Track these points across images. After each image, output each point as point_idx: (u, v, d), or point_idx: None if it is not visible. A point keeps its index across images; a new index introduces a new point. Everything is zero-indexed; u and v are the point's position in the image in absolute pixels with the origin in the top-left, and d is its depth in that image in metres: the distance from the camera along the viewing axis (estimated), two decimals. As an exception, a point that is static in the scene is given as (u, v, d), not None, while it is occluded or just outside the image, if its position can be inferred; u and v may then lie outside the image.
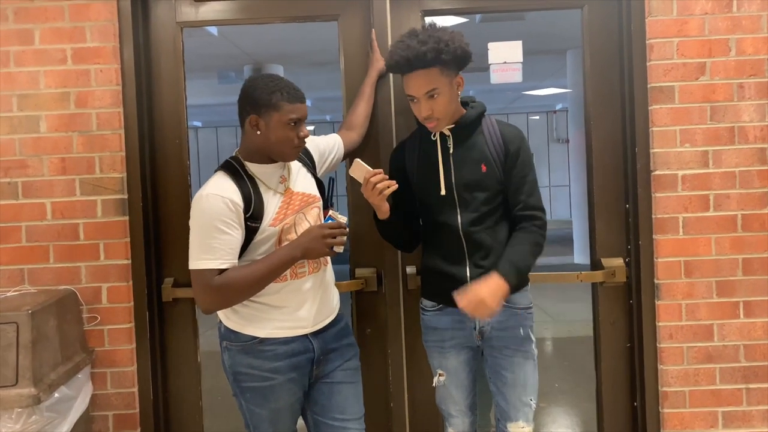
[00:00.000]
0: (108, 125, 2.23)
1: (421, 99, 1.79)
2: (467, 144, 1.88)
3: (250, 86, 1.75)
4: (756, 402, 2.21)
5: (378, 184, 1.78)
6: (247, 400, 1.82)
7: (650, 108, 2.19)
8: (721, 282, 2.20)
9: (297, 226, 1.80)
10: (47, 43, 2.22)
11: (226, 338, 1.83)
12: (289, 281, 1.78)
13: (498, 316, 1.82)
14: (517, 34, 2.37)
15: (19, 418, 1.85)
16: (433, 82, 1.77)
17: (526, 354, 1.92)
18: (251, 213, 1.71)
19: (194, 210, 1.71)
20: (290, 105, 1.71)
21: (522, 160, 1.86)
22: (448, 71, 1.79)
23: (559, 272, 2.58)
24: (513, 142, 1.86)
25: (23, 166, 2.23)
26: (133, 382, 2.27)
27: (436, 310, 1.96)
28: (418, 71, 1.77)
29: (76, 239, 2.24)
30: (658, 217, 2.20)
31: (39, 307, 1.98)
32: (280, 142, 1.73)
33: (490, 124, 1.90)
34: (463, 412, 1.99)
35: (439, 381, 1.99)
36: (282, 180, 1.81)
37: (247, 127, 1.76)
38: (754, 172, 2.19)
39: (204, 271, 1.68)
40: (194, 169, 2.44)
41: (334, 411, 1.86)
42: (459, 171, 1.86)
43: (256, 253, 1.75)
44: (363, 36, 2.31)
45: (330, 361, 1.87)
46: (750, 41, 2.18)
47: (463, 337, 1.93)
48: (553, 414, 3.47)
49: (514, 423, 1.92)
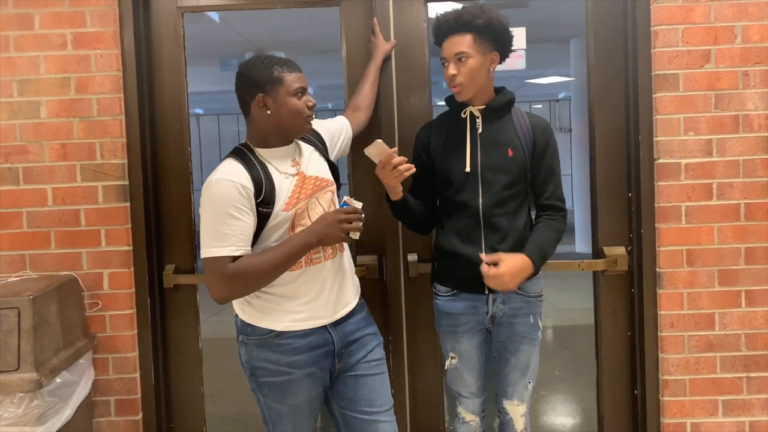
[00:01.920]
0: (109, 111, 2.22)
1: (451, 61, 1.86)
2: (495, 126, 1.91)
3: (246, 69, 1.72)
4: (756, 390, 2.22)
5: (399, 166, 1.78)
6: (265, 395, 1.78)
7: (654, 96, 2.18)
8: (723, 271, 2.20)
9: (310, 211, 1.74)
10: (47, 28, 2.20)
11: (242, 332, 1.78)
12: (304, 268, 1.73)
13: (510, 302, 1.91)
14: (521, 21, 2.34)
15: (21, 403, 1.86)
16: (463, 46, 1.84)
17: (533, 341, 1.96)
18: (263, 198, 1.66)
19: (204, 196, 1.66)
20: (292, 75, 1.70)
21: (551, 151, 1.91)
22: (482, 41, 1.85)
23: (560, 260, 2.57)
24: (543, 133, 1.91)
25: (24, 152, 2.22)
26: (135, 368, 2.28)
27: (450, 295, 1.97)
28: (454, 36, 1.85)
29: (77, 225, 2.24)
30: (661, 206, 2.19)
31: (40, 292, 1.98)
32: (292, 115, 1.70)
33: (520, 113, 1.95)
34: (474, 394, 2.03)
35: (451, 364, 2.02)
36: (294, 163, 1.77)
37: (253, 110, 1.72)
38: (758, 160, 2.17)
39: (217, 259, 1.62)
40: (195, 157, 2.44)
41: (362, 404, 1.80)
42: (486, 152, 1.89)
43: (269, 240, 1.70)
44: (365, 22, 2.29)
45: (352, 353, 1.81)
46: (756, 28, 2.15)
47: (476, 322, 1.96)
48: (553, 402, 3.48)
49: (509, 401, 2.00)
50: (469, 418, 2.04)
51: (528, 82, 10.10)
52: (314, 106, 1.74)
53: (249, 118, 1.75)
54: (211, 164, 1.75)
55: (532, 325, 1.95)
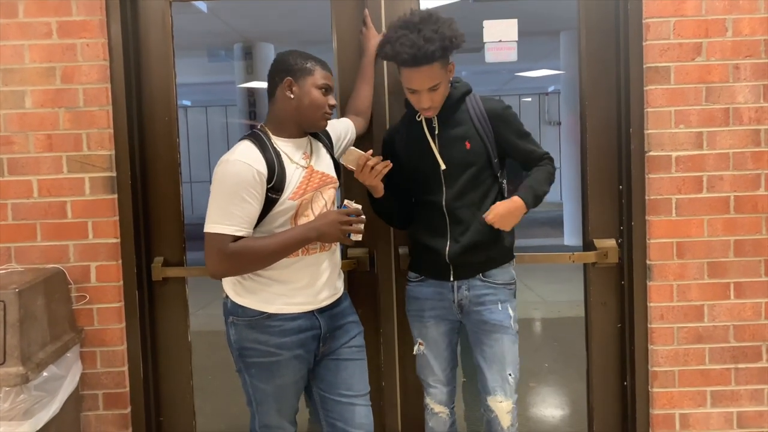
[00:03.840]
0: (95, 101, 2.18)
1: (423, 92, 1.86)
2: (451, 123, 1.95)
3: (284, 55, 1.82)
4: (744, 382, 2.24)
5: (375, 166, 1.85)
6: (252, 375, 1.84)
7: (645, 89, 2.18)
8: (712, 263, 2.21)
9: (313, 204, 1.82)
10: (32, 16, 2.16)
11: (232, 313, 1.83)
12: (300, 257, 1.79)
13: (474, 289, 1.96)
14: (511, 14, 2.34)
15: (7, 397, 1.83)
16: (436, 78, 1.83)
17: (506, 330, 1.96)
18: (273, 184, 1.72)
19: (218, 173, 1.71)
20: (323, 71, 1.81)
21: (513, 127, 1.97)
22: (444, 61, 1.85)
23: (551, 253, 2.58)
24: (498, 115, 1.95)
25: (8, 143, 2.18)
26: (123, 361, 2.26)
27: (418, 281, 2.05)
28: (422, 67, 1.81)
29: (63, 217, 2.20)
30: (652, 199, 2.20)
31: (26, 285, 1.95)
32: (313, 106, 1.78)
33: (474, 100, 1.98)
34: (442, 382, 2.06)
35: (418, 350, 2.06)
36: (305, 156, 1.84)
37: (279, 93, 1.80)
38: (748, 153, 2.18)
39: (220, 236, 1.69)
40: (183, 149, 2.41)
41: (341, 387, 1.88)
42: (444, 150, 1.94)
43: (273, 224, 1.77)
44: (356, 13, 2.27)
45: (336, 338, 1.89)
46: (747, 21, 2.16)
47: (442, 309, 2.00)
48: (542, 393, 3.50)
49: (492, 397, 1.97)
50: (438, 409, 2.07)
51: (518, 75, 10.11)
52: (334, 106, 1.84)
53: (272, 100, 1.83)
54: (199, 156, 1.75)
55: (501, 312, 1.96)
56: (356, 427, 1.87)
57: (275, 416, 1.87)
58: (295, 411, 1.92)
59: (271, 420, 1.88)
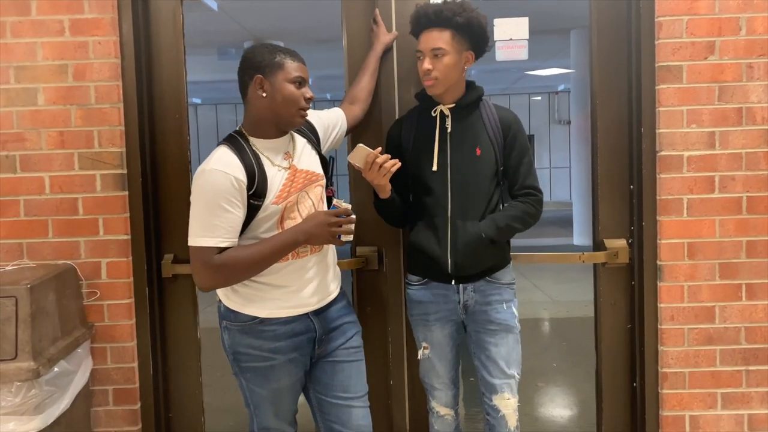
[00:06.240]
0: (107, 99, 2.19)
1: (427, 55, 1.87)
2: (465, 125, 1.94)
3: (250, 52, 1.73)
4: (756, 384, 2.22)
5: (384, 164, 1.81)
6: (248, 380, 1.82)
7: (657, 88, 2.16)
8: (724, 264, 2.19)
9: (299, 205, 1.76)
10: (44, 14, 2.17)
11: (225, 318, 1.81)
12: (291, 261, 1.75)
13: (481, 289, 1.95)
14: (521, 12, 2.33)
15: (18, 392, 1.84)
16: (441, 42, 1.85)
17: (511, 328, 1.97)
18: (254, 190, 1.66)
19: (196, 185, 1.66)
20: (294, 63, 1.71)
21: (519, 144, 1.95)
22: (460, 39, 1.87)
23: (561, 253, 2.57)
24: (510, 126, 1.95)
25: (21, 140, 2.20)
26: (133, 357, 2.27)
27: (420, 284, 2.01)
28: (432, 29, 1.86)
29: (75, 214, 2.22)
30: (663, 199, 2.18)
31: (38, 281, 1.97)
32: (287, 103, 1.69)
33: (488, 106, 1.97)
34: (446, 385, 2.05)
35: (423, 354, 2.04)
36: (287, 156, 1.77)
37: (251, 92, 1.71)
38: (761, 153, 2.16)
39: (204, 249, 1.64)
40: (193, 147, 2.41)
41: (338, 389, 1.85)
42: (456, 152, 1.93)
43: (258, 230, 1.72)
44: (366, 12, 2.26)
45: (332, 339, 1.85)
46: (761, 20, 2.13)
47: (447, 311, 1.99)
48: (551, 393, 3.48)
49: (499, 395, 1.97)
50: (444, 411, 2.07)
51: (527, 73, 10.07)
52: (312, 99, 1.74)
53: (246, 100, 1.75)
54: (209, 154, 1.74)
55: (507, 312, 1.96)
56: (354, 429, 1.84)
57: (273, 419, 1.85)
58: (293, 413, 1.89)
59: (269, 422, 1.85)
